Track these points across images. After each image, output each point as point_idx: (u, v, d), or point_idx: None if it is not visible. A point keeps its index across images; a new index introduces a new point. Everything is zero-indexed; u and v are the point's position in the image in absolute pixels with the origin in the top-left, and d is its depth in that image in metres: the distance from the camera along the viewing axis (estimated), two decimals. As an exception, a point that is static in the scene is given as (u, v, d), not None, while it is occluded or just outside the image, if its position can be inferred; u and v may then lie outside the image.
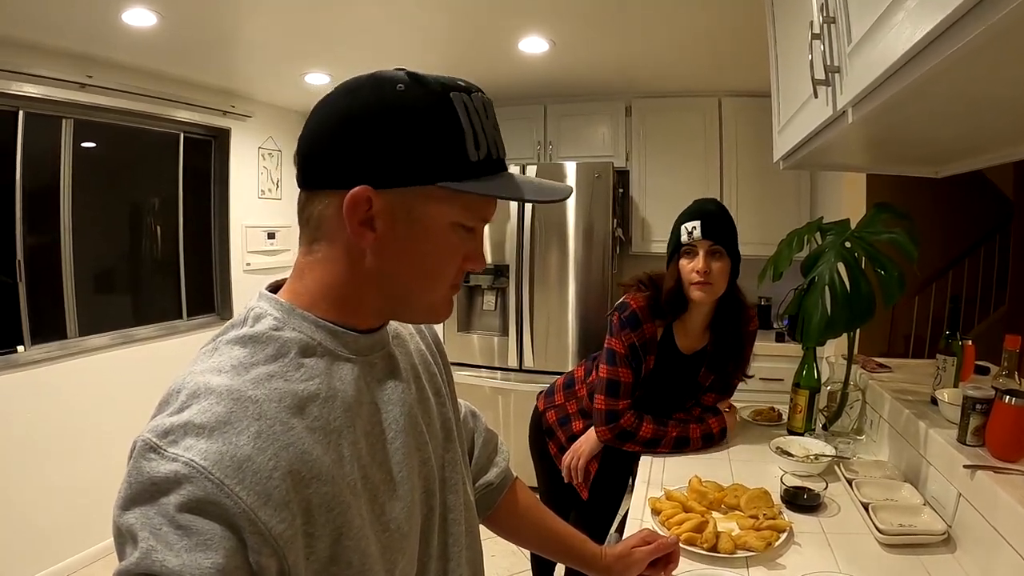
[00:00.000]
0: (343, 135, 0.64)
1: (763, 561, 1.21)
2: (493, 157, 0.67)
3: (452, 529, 0.82)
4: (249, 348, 0.64)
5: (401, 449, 0.72)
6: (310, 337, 0.67)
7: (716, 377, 1.79)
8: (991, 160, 1.51)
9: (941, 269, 4.00)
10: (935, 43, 0.75)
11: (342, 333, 0.69)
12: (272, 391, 0.60)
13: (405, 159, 0.63)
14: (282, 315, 0.67)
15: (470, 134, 0.65)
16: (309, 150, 0.67)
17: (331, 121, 0.65)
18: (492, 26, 2.61)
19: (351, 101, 0.65)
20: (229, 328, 0.67)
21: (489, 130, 0.67)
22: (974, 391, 1.30)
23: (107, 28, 2.49)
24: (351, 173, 0.63)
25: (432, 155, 0.63)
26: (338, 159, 0.64)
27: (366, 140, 0.63)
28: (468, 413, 1.06)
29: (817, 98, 1.26)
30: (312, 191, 0.67)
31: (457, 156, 0.64)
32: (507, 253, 3.54)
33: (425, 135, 0.63)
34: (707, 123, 3.60)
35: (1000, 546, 1.07)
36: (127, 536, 0.53)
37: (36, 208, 2.83)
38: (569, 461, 1.83)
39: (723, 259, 1.66)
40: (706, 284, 1.64)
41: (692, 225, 1.65)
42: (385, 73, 0.66)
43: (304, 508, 0.58)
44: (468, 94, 0.66)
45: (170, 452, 0.54)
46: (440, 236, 0.67)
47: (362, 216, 0.64)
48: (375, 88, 0.65)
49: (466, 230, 0.69)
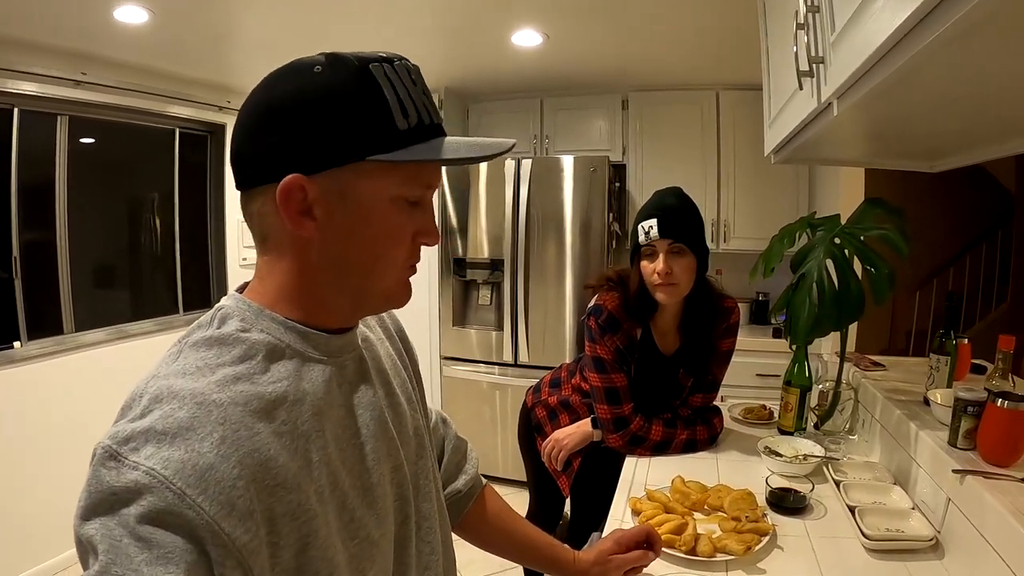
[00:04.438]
0: (267, 127, 0.62)
1: (743, 565, 1.18)
2: (425, 123, 0.65)
3: (428, 538, 0.80)
4: (215, 350, 0.62)
5: (371, 455, 0.70)
6: (278, 339, 0.65)
7: (696, 379, 1.74)
8: (987, 155, 1.47)
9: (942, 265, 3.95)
10: (916, 29, 0.73)
11: (312, 334, 0.67)
12: (238, 394, 0.58)
13: (331, 139, 0.61)
14: (250, 316, 0.65)
15: (395, 103, 0.63)
16: (238, 149, 0.65)
17: (253, 116, 0.63)
18: (484, 19, 2.59)
19: (271, 93, 0.63)
20: (195, 329, 0.65)
21: (418, 96, 0.65)
22: (966, 393, 1.26)
23: (100, 25, 2.49)
24: (280, 164, 0.62)
25: (358, 130, 0.62)
26: (265, 153, 0.62)
27: (290, 128, 0.61)
28: (439, 420, 1.05)
29: (802, 90, 1.23)
30: (248, 190, 0.65)
31: (384, 127, 0.62)
32: (503, 247, 3.51)
33: (348, 111, 0.61)
34: (704, 116, 3.56)
35: (988, 554, 1.04)
36: (88, 548, 0.51)
37: (32, 204, 2.83)
38: (549, 449, 1.79)
39: (686, 256, 1.58)
40: (669, 285, 1.58)
41: (648, 224, 1.57)
42: (303, 59, 0.64)
43: (268, 517, 0.56)
44: (390, 63, 0.64)
45: (130, 460, 0.52)
46: (383, 214, 0.65)
47: (299, 206, 0.62)
48: (293, 75, 0.63)
49: (410, 204, 0.67)
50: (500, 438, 3.59)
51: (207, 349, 0.62)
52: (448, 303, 3.70)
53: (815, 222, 1.70)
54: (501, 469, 3.55)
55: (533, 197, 3.42)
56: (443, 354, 3.73)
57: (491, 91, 3.89)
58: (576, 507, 1.84)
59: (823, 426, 1.77)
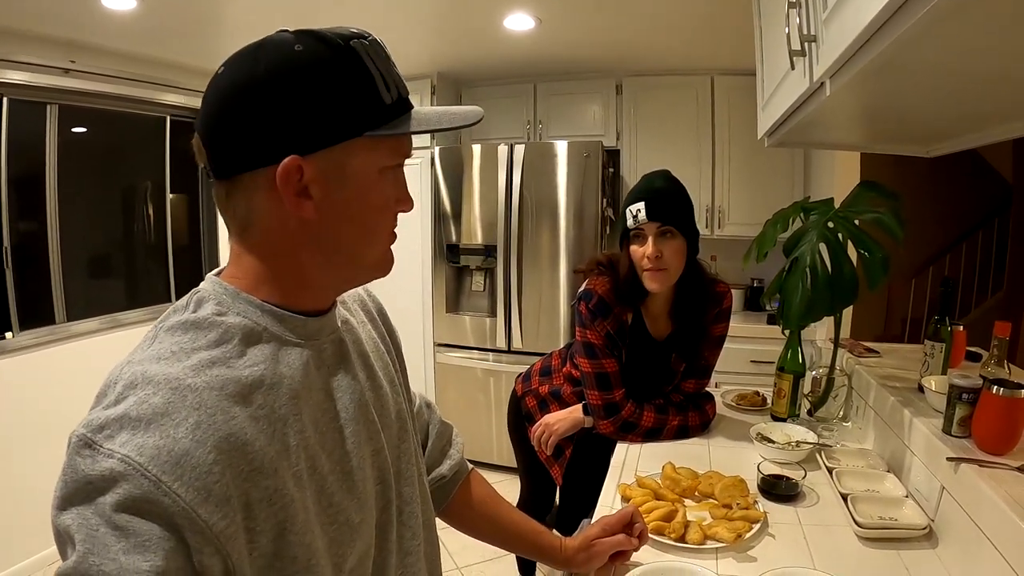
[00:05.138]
0: (254, 108, 0.60)
1: (733, 553, 1.17)
2: (403, 96, 0.67)
3: (409, 522, 0.80)
4: (190, 334, 0.61)
5: (351, 438, 0.70)
6: (255, 322, 0.64)
7: (688, 364, 1.73)
8: (984, 138, 1.45)
9: (938, 252, 3.93)
10: (908, 3, 0.71)
11: (289, 317, 0.66)
12: (213, 378, 0.58)
13: (327, 118, 0.61)
14: (226, 299, 0.64)
15: (379, 79, 0.64)
16: (217, 134, 0.62)
17: (236, 97, 0.61)
18: (476, 3, 2.56)
19: (251, 72, 0.61)
20: (171, 313, 0.64)
21: (392, 71, 0.66)
22: (961, 380, 1.24)
23: (88, 13, 2.47)
24: (273, 146, 0.60)
25: (352, 108, 0.62)
26: (254, 135, 0.60)
27: (281, 107, 0.60)
28: (423, 404, 1.03)
29: (795, 70, 1.20)
30: (233, 178, 0.63)
31: (374, 103, 0.63)
32: (496, 233, 3.48)
33: (340, 89, 0.61)
34: (699, 101, 3.53)
35: (982, 543, 1.02)
36: (65, 538, 0.51)
37: (22, 194, 2.81)
38: (539, 434, 1.78)
39: (675, 239, 1.56)
40: (659, 270, 1.56)
41: (636, 207, 1.54)
42: (272, 38, 0.63)
43: (245, 503, 0.56)
44: (364, 39, 0.64)
45: (105, 448, 0.51)
46: (374, 185, 0.66)
47: (296, 187, 0.61)
48: (274, 52, 0.61)
49: (393, 173, 0.68)
50: (494, 425, 3.58)
51: (182, 333, 0.61)
52: (441, 289, 3.68)
53: (809, 206, 1.67)
54: (495, 456, 3.55)
55: (526, 182, 3.39)
56: (436, 340, 3.71)
57: (484, 76, 3.85)
58: (567, 495, 1.84)
59: (816, 413, 1.76)
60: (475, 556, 2.76)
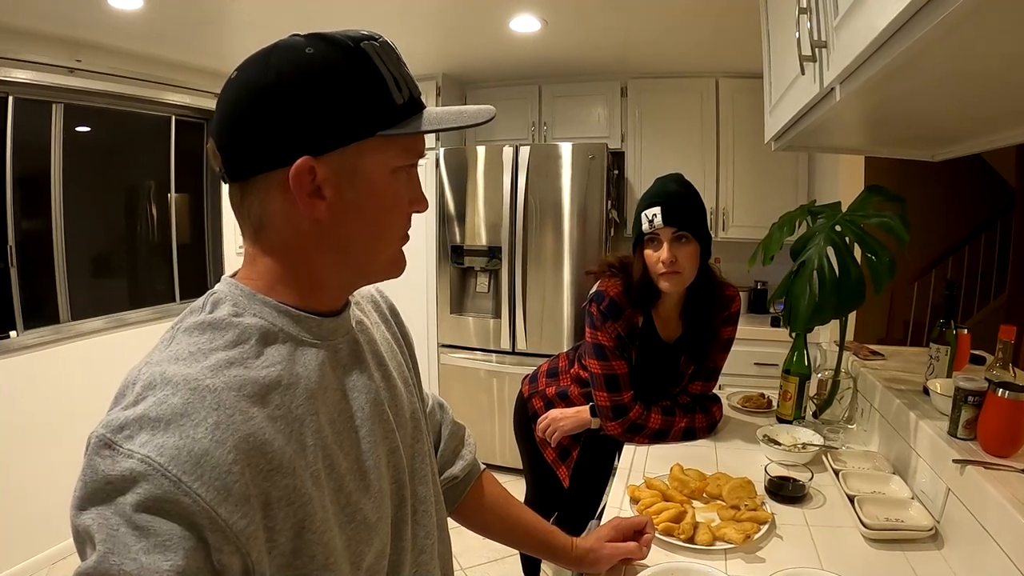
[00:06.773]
0: (267, 111, 0.61)
1: (742, 553, 1.18)
2: (415, 96, 0.67)
3: (423, 521, 0.81)
4: (208, 335, 0.61)
5: (367, 437, 0.70)
6: (271, 323, 0.65)
7: (697, 366, 1.74)
8: (988, 144, 1.46)
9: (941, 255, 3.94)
10: (922, 11, 0.72)
11: (304, 318, 0.67)
12: (231, 379, 0.58)
13: (339, 119, 0.62)
14: (243, 300, 0.65)
15: (391, 79, 0.64)
16: (231, 138, 0.63)
17: (248, 101, 0.62)
18: (482, 4, 2.57)
19: (263, 75, 0.62)
20: (188, 314, 0.65)
21: (404, 71, 0.67)
22: (966, 383, 1.25)
23: (93, 12, 2.48)
24: (286, 148, 0.61)
25: (363, 108, 0.63)
26: (268, 137, 0.61)
27: (293, 109, 0.61)
28: (436, 405, 1.04)
29: (804, 75, 1.21)
30: (246, 180, 0.64)
31: (386, 103, 0.64)
32: (501, 235, 3.49)
33: (352, 91, 0.62)
34: (704, 104, 3.54)
35: (988, 544, 1.03)
36: (85, 538, 0.51)
37: (27, 193, 2.82)
38: (544, 426, 1.79)
39: (690, 243, 1.57)
40: (674, 274, 1.57)
41: (653, 212, 1.55)
42: (284, 42, 0.64)
43: (264, 502, 0.56)
44: (375, 41, 0.65)
45: (125, 448, 0.52)
46: (386, 185, 0.66)
47: (309, 188, 0.62)
48: (285, 56, 0.62)
49: (406, 173, 0.69)
50: (498, 426, 3.59)
51: (200, 334, 0.61)
52: (445, 291, 3.69)
53: (815, 209, 1.68)
54: (499, 457, 3.56)
55: (531, 184, 3.40)
56: (440, 342, 3.72)
57: (489, 77, 3.86)
58: (573, 496, 1.84)
59: (822, 415, 1.76)
60: (479, 557, 2.76)
